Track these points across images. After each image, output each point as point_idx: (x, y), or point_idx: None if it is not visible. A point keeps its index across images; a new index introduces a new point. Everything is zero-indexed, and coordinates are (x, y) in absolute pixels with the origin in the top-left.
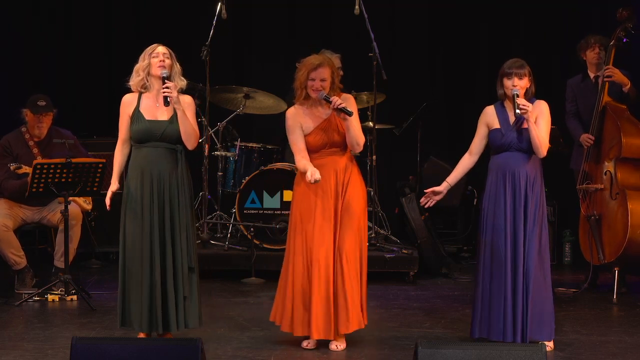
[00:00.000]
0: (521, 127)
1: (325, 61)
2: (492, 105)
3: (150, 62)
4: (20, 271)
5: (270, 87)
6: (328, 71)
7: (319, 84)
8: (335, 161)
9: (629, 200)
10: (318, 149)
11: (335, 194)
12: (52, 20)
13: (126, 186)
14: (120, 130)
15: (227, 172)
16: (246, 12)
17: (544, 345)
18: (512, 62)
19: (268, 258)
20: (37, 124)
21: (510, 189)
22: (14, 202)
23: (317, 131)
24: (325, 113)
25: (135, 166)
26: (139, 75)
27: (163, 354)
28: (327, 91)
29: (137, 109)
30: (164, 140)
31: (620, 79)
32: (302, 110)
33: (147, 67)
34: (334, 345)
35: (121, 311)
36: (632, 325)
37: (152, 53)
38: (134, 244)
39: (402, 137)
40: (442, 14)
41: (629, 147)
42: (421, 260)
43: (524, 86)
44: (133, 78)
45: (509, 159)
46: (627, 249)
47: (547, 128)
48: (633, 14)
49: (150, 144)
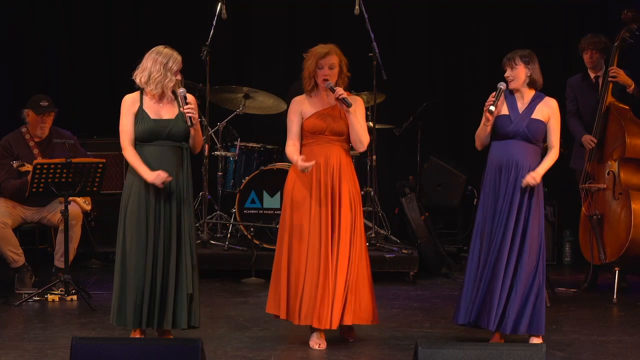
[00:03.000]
0: (531, 117)
1: (333, 49)
2: None
3: (171, 77)
4: (19, 269)
5: (270, 87)
6: (336, 59)
7: (328, 71)
8: (330, 149)
9: (632, 201)
10: (315, 133)
11: (325, 182)
12: (52, 20)
13: (128, 185)
14: (129, 131)
15: (227, 172)
16: (246, 12)
17: (544, 345)
18: (514, 51)
19: (268, 258)
20: (39, 124)
21: (505, 177)
22: (14, 202)
23: (317, 115)
24: (330, 102)
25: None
26: (152, 83)
27: (163, 354)
28: (336, 78)
29: (141, 108)
30: (170, 138)
31: (625, 80)
32: (306, 99)
33: (162, 80)
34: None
35: (117, 308)
36: (632, 325)
37: (175, 69)
38: (137, 241)
39: (402, 137)
40: (442, 14)
41: (632, 148)
42: (421, 260)
43: (517, 76)
44: (146, 82)
45: (513, 147)
46: (629, 249)
47: (558, 129)
48: (638, 15)
49: (156, 143)
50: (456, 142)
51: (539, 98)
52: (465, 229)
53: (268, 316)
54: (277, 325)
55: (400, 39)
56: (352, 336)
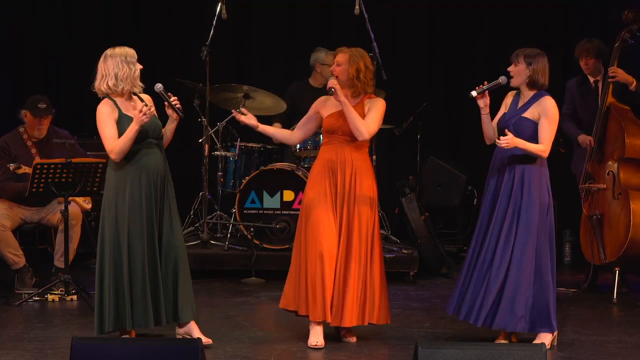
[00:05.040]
0: (521, 115)
1: (347, 50)
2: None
3: (135, 68)
4: (19, 270)
5: (270, 87)
6: (345, 57)
7: (335, 67)
8: (343, 149)
9: (632, 201)
10: (329, 132)
11: (339, 182)
12: (52, 20)
13: (115, 187)
14: (114, 136)
15: (227, 172)
16: (246, 12)
17: (544, 345)
18: (523, 48)
19: (268, 258)
20: (37, 125)
21: (496, 174)
22: (13, 202)
23: (333, 115)
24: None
25: (131, 166)
26: (122, 81)
27: (163, 354)
28: (345, 76)
29: (122, 113)
30: (154, 137)
31: (625, 78)
32: (329, 99)
33: (130, 74)
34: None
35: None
36: (632, 325)
37: (134, 60)
38: (132, 241)
39: (402, 137)
40: (442, 14)
41: (632, 148)
42: (421, 260)
43: (517, 74)
44: (114, 84)
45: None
46: (629, 249)
47: (550, 127)
48: (638, 15)
49: (145, 143)
50: (456, 142)
51: (537, 97)
52: (465, 229)
53: (268, 316)
54: (277, 325)
55: (400, 39)
56: (352, 337)
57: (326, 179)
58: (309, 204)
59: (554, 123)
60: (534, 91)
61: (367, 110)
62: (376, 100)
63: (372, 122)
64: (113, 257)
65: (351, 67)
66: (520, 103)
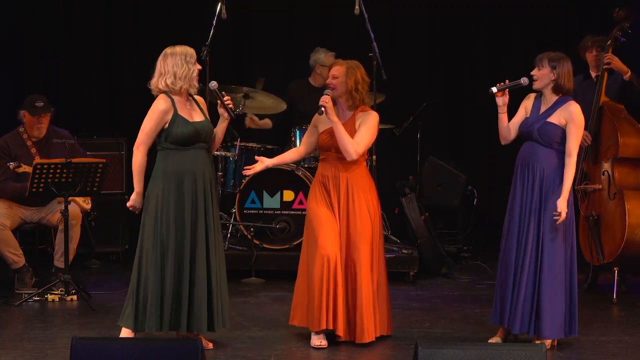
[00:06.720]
0: (546, 120)
1: (344, 62)
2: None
3: (194, 68)
4: (19, 270)
5: (270, 87)
6: (342, 69)
7: (331, 80)
8: (337, 165)
9: (627, 201)
10: (325, 149)
11: (334, 198)
12: (52, 20)
13: (155, 188)
14: (151, 134)
15: (227, 172)
16: (246, 12)
17: (544, 345)
18: (547, 51)
19: (268, 258)
20: (36, 125)
21: (520, 180)
22: (13, 202)
23: (329, 131)
24: (342, 119)
25: (173, 169)
26: (180, 80)
27: (163, 354)
28: (343, 88)
29: (176, 113)
30: (205, 141)
31: (620, 67)
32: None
33: (189, 73)
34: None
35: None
36: (632, 325)
37: (193, 60)
38: (169, 245)
39: (402, 137)
40: (442, 14)
41: (626, 147)
42: (421, 260)
43: (541, 77)
44: (172, 82)
45: (529, 149)
46: (626, 249)
47: (577, 134)
48: (630, 13)
49: (196, 146)
50: (456, 142)
51: (561, 102)
52: (465, 229)
53: (268, 316)
54: (277, 325)
55: (400, 39)
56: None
57: (324, 194)
58: (311, 217)
59: (581, 129)
60: (558, 95)
61: (358, 125)
62: (368, 114)
63: (362, 141)
64: (154, 258)
65: (349, 79)
66: (543, 107)
